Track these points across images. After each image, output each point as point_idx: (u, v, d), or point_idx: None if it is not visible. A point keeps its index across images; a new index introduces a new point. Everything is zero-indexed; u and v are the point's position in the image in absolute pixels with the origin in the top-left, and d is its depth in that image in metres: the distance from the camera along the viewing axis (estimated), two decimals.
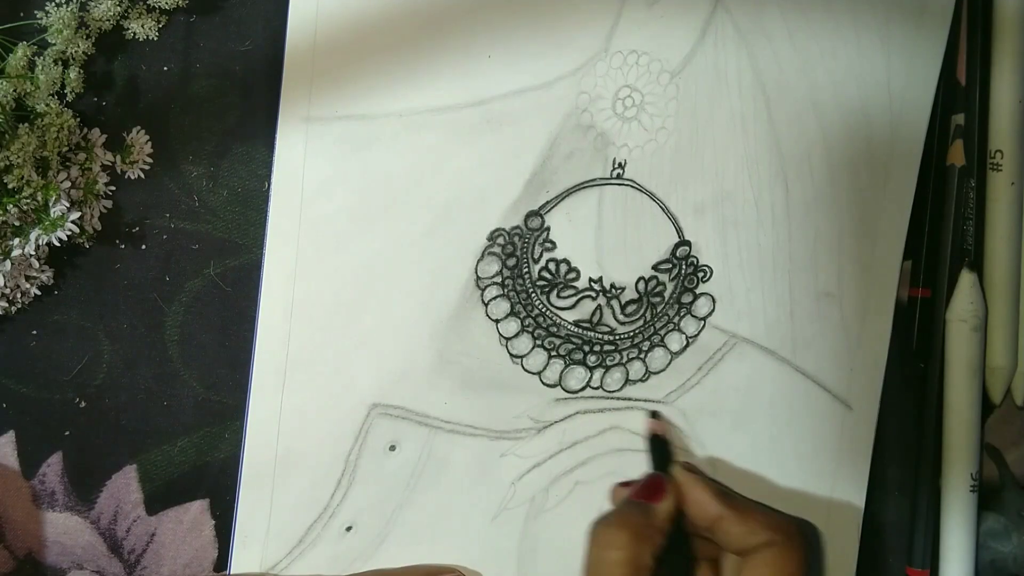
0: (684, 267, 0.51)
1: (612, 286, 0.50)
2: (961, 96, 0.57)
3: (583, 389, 0.51)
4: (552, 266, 0.49)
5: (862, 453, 0.55)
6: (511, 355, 0.50)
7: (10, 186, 0.41)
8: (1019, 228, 0.58)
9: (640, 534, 0.45)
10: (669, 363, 0.52)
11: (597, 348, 0.51)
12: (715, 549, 0.48)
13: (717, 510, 0.46)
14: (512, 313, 0.49)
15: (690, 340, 0.52)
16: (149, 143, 0.45)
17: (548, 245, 0.49)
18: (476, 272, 0.48)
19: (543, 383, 0.50)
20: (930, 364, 0.57)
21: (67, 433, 0.47)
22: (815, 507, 0.55)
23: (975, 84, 0.57)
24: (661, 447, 0.50)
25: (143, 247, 0.46)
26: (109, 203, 0.45)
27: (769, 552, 0.45)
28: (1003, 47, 0.57)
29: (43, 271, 0.44)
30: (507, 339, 0.49)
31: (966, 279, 0.57)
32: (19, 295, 0.43)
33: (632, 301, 0.51)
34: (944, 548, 0.57)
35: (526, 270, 0.49)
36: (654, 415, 0.51)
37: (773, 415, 0.54)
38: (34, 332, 0.45)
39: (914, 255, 0.57)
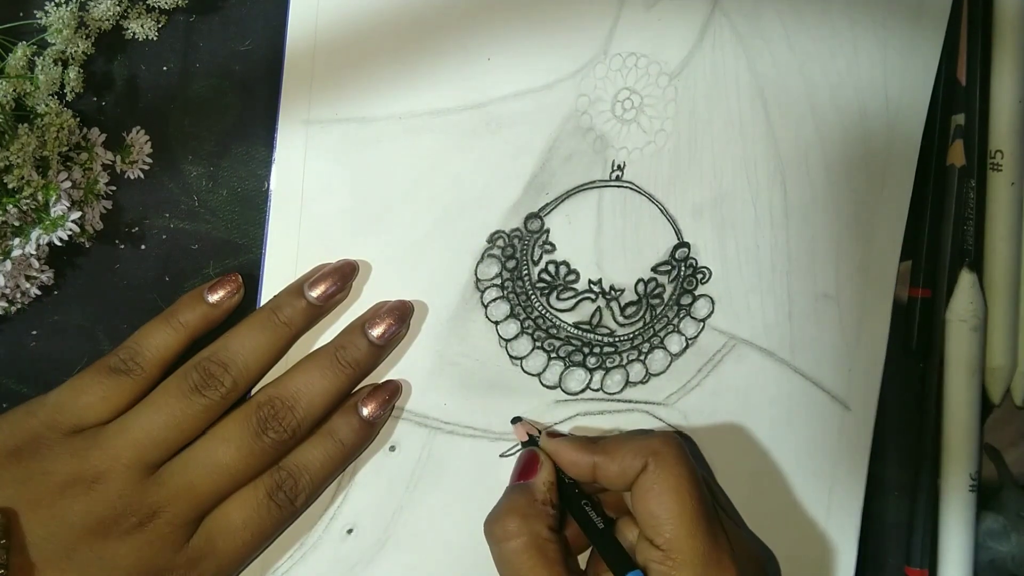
0: (683, 269, 0.51)
1: (611, 288, 0.50)
2: (961, 96, 0.57)
3: (583, 391, 0.51)
4: (552, 268, 0.49)
5: (860, 453, 0.55)
6: (511, 357, 0.50)
7: (10, 186, 0.41)
8: (1019, 228, 0.58)
9: (528, 514, 0.45)
10: (669, 365, 0.52)
11: (597, 350, 0.51)
12: (613, 496, 0.49)
13: (589, 460, 0.46)
14: (512, 315, 0.49)
15: (690, 342, 0.52)
16: (149, 143, 0.45)
17: (548, 247, 0.49)
18: (476, 274, 0.48)
19: (543, 385, 0.50)
20: (929, 364, 0.58)
21: None
22: (814, 507, 0.55)
23: (975, 84, 0.57)
24: (532, 443, 0.50)
25: (143, 247, 0.46)
26: (109, 203, 0.45)
27: (646, 477, 0.45)
28: (1003, 47, 0.57)
29: (43, 271, 0.43)
30: (507, 341, 0.49)
31: (966, 279, 0.57)
32: (19, 295, 0.43)
33: (632, 303, 0.51)
34: (943, 548, 0.58)
35: (526, 272, 0.49)
36: (516, 420, 0.50)
37: (772, 416, 0.54)
38: (34, 332, 0.45)
39: (914, 255, 0.57)
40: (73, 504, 0.40)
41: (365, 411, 0.45)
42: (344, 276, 0.46)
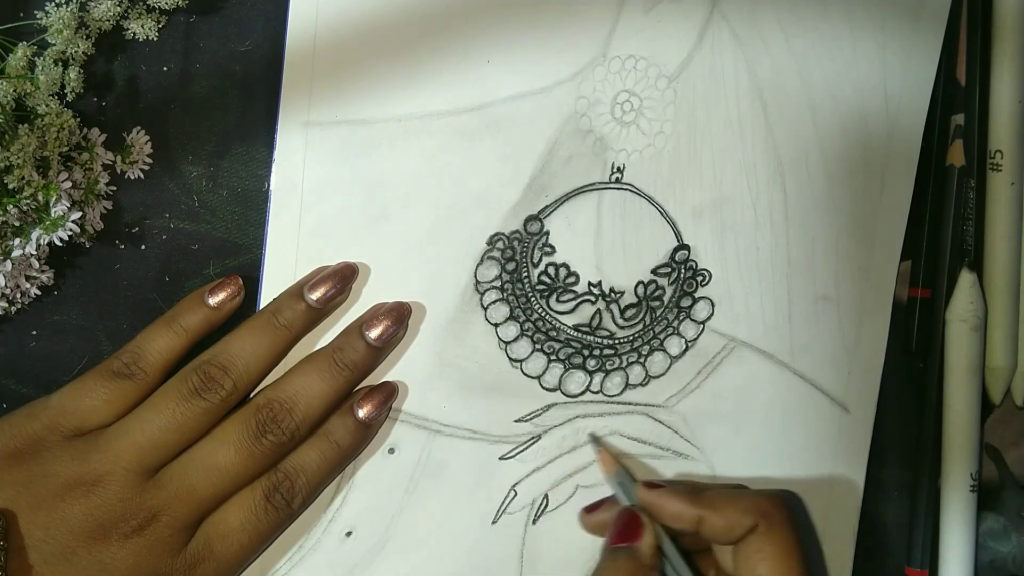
0: (683, 271, 0.51)
1: (611, 290, 0.50)
2: (961, 96, 0.57)
3: (583, 393, 0.51)
4: (551, 270, 0.49)
5: (859, 456, 0.55)
6: (510, 359, 0.49)
7: (10, 186, 0.41)
8: (1019, 228, 0.58)
9: None
10: (668, 367, 0.52)
11: (596, 352, 0.51)
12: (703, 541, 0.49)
13: (694, 513, 0.46)
14: (511, 317, 0.49)
15: (689, 344, 0.52)
16: (149, 143, 0.45)
17: (547, 249, 0.49)
18: (475, 276, 0.48)
19: (543, 387, 0.50)
20: (930, 364, 0.58)
21: None
22: (813, 509, 0.55)
23: (975, 84, 0.57)
24: (623, 479, 0.49)
25: (143, 247, 0.46)
26: (109, 203, 0.45)
27: (756, 538, 0.45)
28: (1003, 47, 0.57)
29: (43, 271, 0.44)
30: (506, 343, 0.49)
31: (966, 279, 0.57)
32: (19, 295, 0.43)
33: (631, 305, 0.51)
34: (943, 548, 0.58)
35: (525, 274, 0.49)
36: (595, 440, 0.50)
37: (771, 418, 0.54)
38: (34, 332, 0.45)
39: (914, 255, 0.57)
40: (73, 507, 0.40)
41: (361, 412, 0.45)
42: (344, 279, 0.46)
